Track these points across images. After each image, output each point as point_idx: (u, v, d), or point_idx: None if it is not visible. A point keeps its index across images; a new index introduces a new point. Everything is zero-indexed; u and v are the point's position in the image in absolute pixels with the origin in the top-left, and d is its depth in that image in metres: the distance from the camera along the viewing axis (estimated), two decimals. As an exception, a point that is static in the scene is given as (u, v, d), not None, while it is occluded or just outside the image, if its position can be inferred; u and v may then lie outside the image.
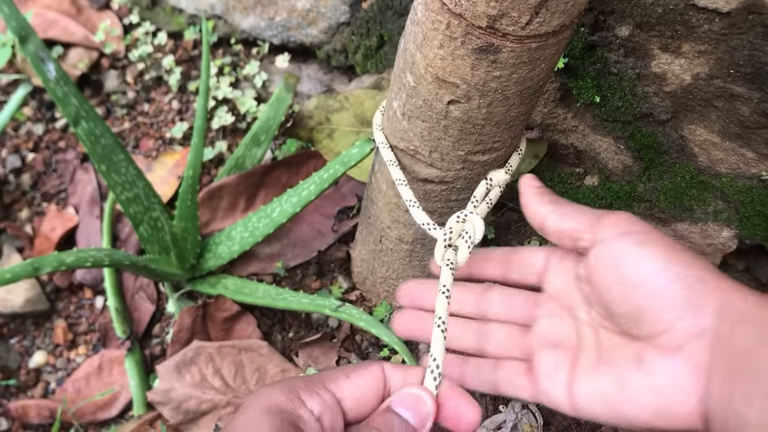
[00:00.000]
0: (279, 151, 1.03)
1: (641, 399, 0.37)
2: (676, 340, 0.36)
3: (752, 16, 0.55)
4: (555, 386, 0.43)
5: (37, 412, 0.90)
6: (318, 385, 0.37)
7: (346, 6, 0.93)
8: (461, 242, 0.49)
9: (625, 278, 0.39)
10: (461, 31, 0.46)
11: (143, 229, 0.85)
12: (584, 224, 0.42)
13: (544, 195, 0.46)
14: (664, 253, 0.38)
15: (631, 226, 0.40)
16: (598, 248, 0.41)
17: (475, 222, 0.50)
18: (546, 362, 0.45)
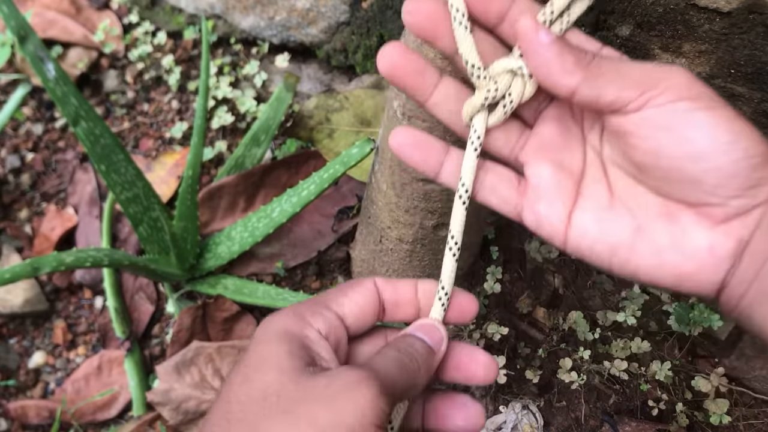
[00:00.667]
0: (279, 151, 1.03)
1: (665, 258, 0.35)
2: (725, 214, 0.34)
3: (753, 16, 0.55)
4: (551, 211, 0.39)
5: (36, 412, 0.90)
6: (321, 306, 0.38)
7: (346, 5, 0.93)
8: (500, 106, 0.40)
9: (684, 146, 0.34)
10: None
11: (143, 229, 0.85)
12: (631, 93, 0.34)
13: (565, 54, 0.35)
14: (733, 125, 0.33)
15: (694, 87, 0.34)
16: (648, 111, 0.34)
17: (528, 86, 0.39)
18: (544, 179, 0.39)
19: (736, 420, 0.75)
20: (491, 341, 0.80)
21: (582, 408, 0.77)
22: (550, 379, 0.79)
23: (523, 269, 0.87)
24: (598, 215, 0.38)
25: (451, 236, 0.42)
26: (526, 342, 0.81)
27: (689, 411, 0.75)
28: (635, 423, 0.74)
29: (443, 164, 0.42)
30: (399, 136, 0.41)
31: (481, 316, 0.83)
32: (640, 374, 0.77)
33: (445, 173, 0.42)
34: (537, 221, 0.40)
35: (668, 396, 0.76)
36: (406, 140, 0.41)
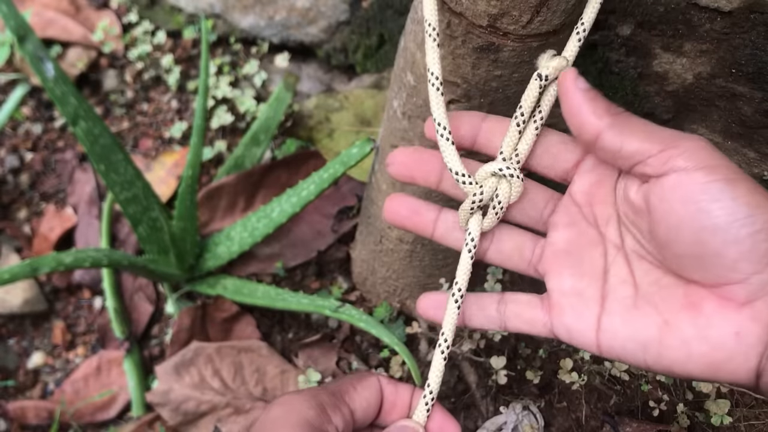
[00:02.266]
0: (278, 150, 1.03)
1: (694, 349, 0.34)
2: (747, 294, 0.33)
3: (754, 16, 0.55)
4: (580, 322, 0.39)
5: (35, 413, 0.90)
6: (339, 400, 0.39)
7: (346, 5, 0.93)
8: (490, 209, 0.42)
9: (703, 219, 0.33)
10: (462, 30, 0.46)
11: (142, 229, 0.85)
12: (653, 147, 0.35)
13: (598, 101, 0.37)
14: (751, 197, 0.33)
15: (713, 158, 0.34)
16: (671, 178, 0.34)
17: (514, 186, 0.42)
18: (567, 291, 0.40)
19: (737, 421, 0.74)
20: (491, 342, 0.80)
21: (583, 409, 0.77)
22: (551, 380, 0.79)
23: (523, 269, 0.87)
24: (625, 316, 0.38)
25: (442, 333, 0.43)
26: (527, 342, 0.81)
27: (690, 412, 0.75)
28: (636, 424, 0.74)
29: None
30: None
31: (481, 316, 0.83)
32: (640, 375, 0.77)
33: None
34: (568, 333, 0.40)
35: (669, 397, 0.76)
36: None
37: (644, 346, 0.36)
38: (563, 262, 0.41)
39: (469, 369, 0.80)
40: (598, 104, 0.37)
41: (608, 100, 0.38)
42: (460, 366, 0.80)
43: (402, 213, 0.45)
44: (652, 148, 0.35)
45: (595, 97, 0.38)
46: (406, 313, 0.85)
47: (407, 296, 0.83)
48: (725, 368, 0.34)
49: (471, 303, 0.45)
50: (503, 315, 0.43)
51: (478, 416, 0.78)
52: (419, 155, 0.45)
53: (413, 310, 0.84)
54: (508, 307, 0.44)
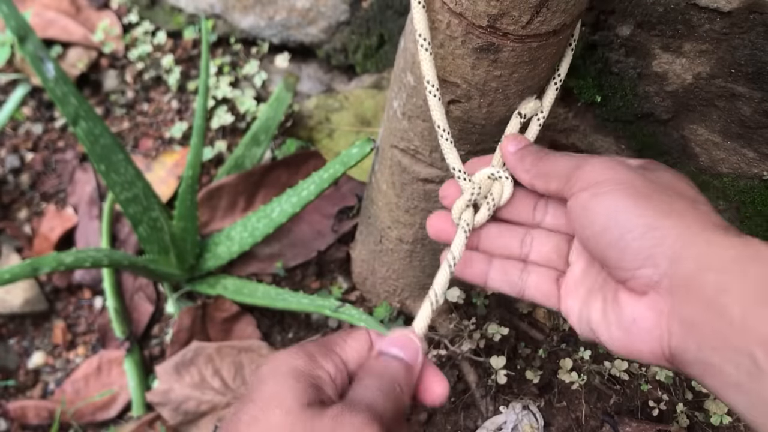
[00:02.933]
0: (279, 150, 1.03)
1: (614, 334, 0.41)
2: (641, 286, 0.38)
3: (753, 16, 0.55)
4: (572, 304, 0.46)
5: (35, 412, 0.90)
6: (329, 349, 0.40)
7: (346, 5, 0.93)
8: (484, 204, 0.48)
9: (587, 230, 0.41)
10: (462, 30, 0.46)
11: (142, 230, 0.85)
12: (563, 182, 0.43)
13: (525, 158, 0.47)
14: (620, 204, 0.39)
15: (598, 176, 0.41)
16: (570, 201, 0.42)
17: (506, 187, 0.48)
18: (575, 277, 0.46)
19: (737, 420, 0.75)
20: (491, 341, 0.80)
21: (582, 408, 0.77)
22: (551, 380, 0.79)
23: (523, 269, 0.87)
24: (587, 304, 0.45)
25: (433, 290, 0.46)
26: (527, 342, 0.81)
27: (690, 411, 0.75)
28: (636, 423, 0.74)
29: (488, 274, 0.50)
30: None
31: (481, 316, 0.83)
32: (640, 374, 0.77)
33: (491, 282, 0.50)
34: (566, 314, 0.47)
35: (669, 396, 0.76)
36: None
37: (592, 331, 0.43)
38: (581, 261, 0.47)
39: (469, 369, 0.80)
40: (525, 161, 0.47)
41: (535, 150, 0.47)
42: (460, 366, 0.80)
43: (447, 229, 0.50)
44: (561, 184, 0.43)
45: (523, 155, 0.47)
46: (406, 313, 0.85)
47: (407, 296, 0.83)
48: (635, 352, 0.39)
49: (496, 266, 0.50)
50: (524, 282, 0.49)
51: (478, 416, 0.78)
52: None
53: (413, 310, 0.84)
54: (531, 276, 0.49)
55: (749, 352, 0.32)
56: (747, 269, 0.34)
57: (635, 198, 0.39)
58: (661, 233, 0.37)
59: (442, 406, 0.79)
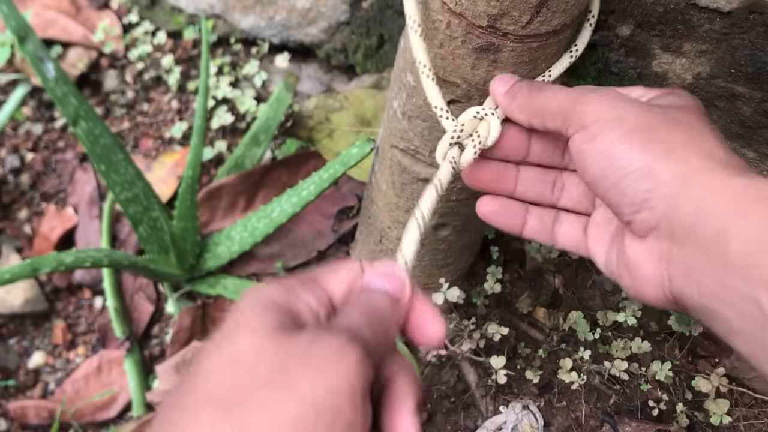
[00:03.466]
0: (279, 151, 1.03)
1: (623, 276, 0.40)
2: (641, 230, 0.37)
3: (753, 16, 0.55)
4: (598, 249, 0.44)
5: (35, 412, 0.90)
6: (312, 282, 0.35)
7: (346, 5, 0.93)
8: (469, 143, 0.46)
9: (586, 174, 0.39)
10: (461, 30, 0.46)
11: (142, 229, 0.85)
12: (560, 121, 0.41)
13: (517, 96, 0.44)
14: (612, 147, 0.37)
15: (592, 116, 0.39)
16: (569, 143, 0.41)
17: (492, 125, 0.45)
18: (600, 222, 0.45)
19: (737, 420, 0.75)
20: (491, 341, 0.80)
21: (582, 408, 0.77)
22: (551, 380, 0.79)
23: (523, 269, 0.87)
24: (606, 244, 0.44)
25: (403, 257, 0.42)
26: (527, 342, 0.81)
27: (690, 411, 0.75)
28: (635, 423, 0.74)
29: (526, 222, 0.48)
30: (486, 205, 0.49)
31: (481, 316, 0.83)
32: (640, 374, 0.77)
33: (528, 230, 0.49)
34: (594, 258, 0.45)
35: (669, 396, 0.76)
36: (493, 207, 0.48)
37: (614, 274, 0.42)
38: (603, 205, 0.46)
39: (468, 368, 0.80)
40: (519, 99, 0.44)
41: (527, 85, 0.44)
42: (460, 366, 0.80)
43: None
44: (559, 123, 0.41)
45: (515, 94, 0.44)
46: (406, 313, 0.85)
47: (407, 296, 0.83)
48: (642, 293, 0.39)
49: (533, 215, 0.48)
50: (556, 231, 0.48)
51: (478, 416, 0.78)
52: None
53: (413, 310, 0.84)
54: (562, 225, 0.48)
55: (754, 298, 0.30)
56: (749, 210, 0.32)
57: (630, 138, 0.37)
58: (658, 175, 0.35)
59: (442, 406, 0.79)
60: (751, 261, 0.31)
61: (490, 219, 0.48)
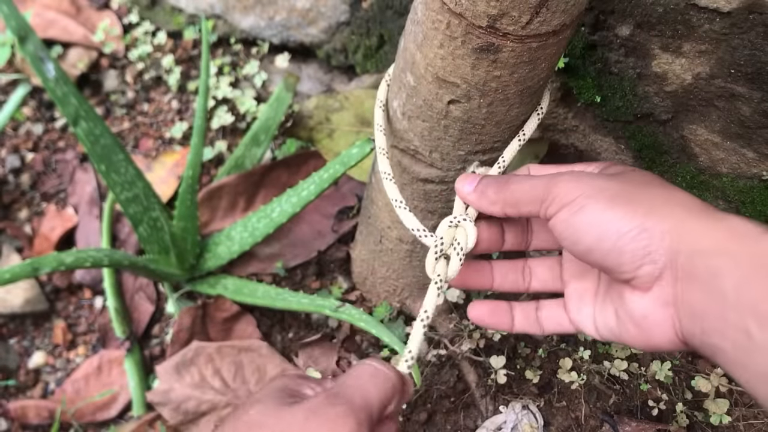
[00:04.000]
0: (279, 151, 1.03)
1: (630, 331, 0.42)
2: (644, 283, 0.39)
3: (753, 16, 0.55)
4: (583, 318, 0.47)
5: (36, 412, 0.90)
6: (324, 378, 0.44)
7: (346, 5, 0.93)
8: (452, 253, 0.49)
9: (579, 245, 0.42)
10: (461, 30, 0.46)
11: (143, 229, 0.85)
12: (536, 206, 0.44)
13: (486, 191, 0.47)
14: (602, 214, 0.40)
15: (571, 192, 0.42)
16: (551, 222, 0.43)
17: (468, 229, 0.49)
18: (573, 295, 0.48)
19: (736, 420, 0.75)
20: (491, 341, 0.80)
21: (582, 408, 0.77)
22: (550, 379, 0.79)
23: (523, 269, 0.87)
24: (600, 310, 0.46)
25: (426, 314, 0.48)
26: (526, 342, 0.81)
27: (689, 411, 0.75)
28: (635, 423, 0.74)
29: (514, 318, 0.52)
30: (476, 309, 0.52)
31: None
32: (640, 374, 0.77)
33: (517, 325, 0.52)
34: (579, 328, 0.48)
35: (668, 396, 0.76)
36: (483, 310, 0.52)
37: (613, 333, 0.44)
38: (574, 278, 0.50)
39: (468, 368, 0.80)
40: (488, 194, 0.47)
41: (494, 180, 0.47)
42: (459, 365, 0.81)
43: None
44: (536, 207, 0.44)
45: (483, 190, 0.47)
46: (406, 313, 0.86)
47: (407, 296, 0.83)
48: (653, 343, 0.40)
49: (518, 311, 0.52)
50: (541, 319, 0.51)
51: (478, 415, 0.78)
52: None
53: (413, 310, 0.84)
54: (543, 312, 0.51)
55: (744, 327, 0.33)
56: (733, 249, 0.35)
57: (614, 204, 0.40)
58: (652, 230, 0.38)
59: (442, 406, 0.79)
60: (741, 293, 0.34)
61: (482, 321, 0.52)
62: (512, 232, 0.52)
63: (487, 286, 0.53)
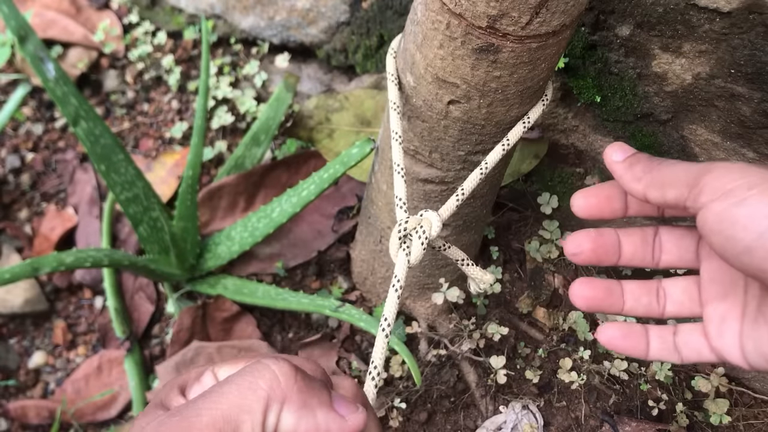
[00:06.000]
0: (279, 151, 1.03)
1: None
2: None
3: (753, 16, 0.55)
4: (726, 344, 0.41)
5: (36, 412, 0.90)
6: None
7: (346, 5, 0.93)
8: (414, 236, 0.50)
9: (735, 243, 0.35)
10: (461, 31, 0.46)
11: (143, 229, 0.85)
12: (684, 191, 0.38)
13: (635, 166, 0.42)
14: (764, 208, 0.34)
15: (732, 181, 0.36)
16: (702, 213, 0.37)
17: (432, 218, 0.50)
18: (714, 317, 0.43)
19: (736, 420, 0.75)
20: (491, 341, 0.80)
21: (582, 408, 0.77)
22: (550, 379, 0.79)
23: (523, 269, 0.87)
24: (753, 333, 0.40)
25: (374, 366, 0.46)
26: (526, 342, 0.81)
27: (689, 411, 0.75)
28: (635, 423, 0.74)
29: (649, 343, 0.46)
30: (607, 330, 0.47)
31: (481, 316, 0.83)
32: (640, 374, 0.77)
33: (653, 352, 0.46)
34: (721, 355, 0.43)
35: (668, 396, 0.76)
36: (614, 333, 0.46)
37: (763, 360, 0.38)
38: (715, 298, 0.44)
39: (468, 368, 0.80)
40: (635, 169, 0.42)
41: (645, 157, 0.43)
42: (459, 365, 0.81)
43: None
44: (682, 193, 0.38)
45: (632, 163, 0.43)
46: (406, 313, 0.86)
47: (407, 296, 0.83)
48: None
49: (654, 335, 0.46)
50: (679, 345, 0.45)
51: (478, 415, 0.78)
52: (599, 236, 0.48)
53: (413, 310, 0.84)
54: (680, 337, 0.45)
55: None
56: None
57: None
58: None
59: (442, 406, 0.79)
60: None
61: (614, 345, 0.47)
62: (632, 244, 0.47)
63: (617, 310, 0.48)
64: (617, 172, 0.44)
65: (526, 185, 0.88)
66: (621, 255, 0.47)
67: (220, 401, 0.32)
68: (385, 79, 0.95)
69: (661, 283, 0.47)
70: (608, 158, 0.44)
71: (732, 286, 0.42)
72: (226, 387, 0.33)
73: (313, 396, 0.34)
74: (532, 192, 0.87)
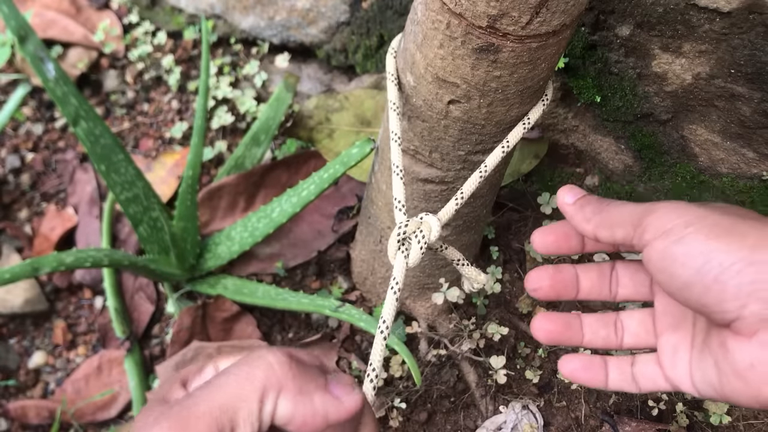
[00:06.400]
0: (279, 151, 1.03)
1: (733, 385, 0.37)
2: (749, 326, 0.35)
3: (753, 16, 0.55)
4: (678, 375, 0.43)
5: (36, 412, 0.90)
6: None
7: (346, 5, 0.93)
8: (414, 240, 0.50)
9: (675, 278, 0.37)
10: (461, 30, 0.46)
11: (143, 229, 0.85)
12: (631, 230, 0.41)
13: (585, 208, 0.45)
14: (703, 245, 0.36)
15: (671, 221, 0.38)
16: (646, 251, 0.39)
17: (431, 222, 0.50)
18: (666, 348, 0.44)
19: (736, 420, 0.75)
20: (491, 341, 0.80)
21: (582, 408, 0.77)
22: (550, 379, 0.79)
23: (523, 269, 0.87)
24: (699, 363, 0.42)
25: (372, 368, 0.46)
26: (526, 342, 0.81)
27: (689, 411, 0.75)
28: (635, 423, 0.74)
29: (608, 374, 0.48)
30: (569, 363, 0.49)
31: (481, 316, 0.83)
32: (640, 374, 0.77)
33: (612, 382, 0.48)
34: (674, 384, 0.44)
35: (668, 396, 0.76)
36: (575, 364, 0.48)
37: (714, 389, 0.39)
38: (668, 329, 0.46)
39: (468, 368, 0.80)
40: (585, 211, 0.44)
41: (595, 199, 0.45)
42: (459, 365, 0.81)
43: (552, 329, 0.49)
44: (630, 232, 0.41)
45: (582, 205, 0.45)
46: (406, 313, 0.86)
47: (407, 296, 0.83)
48: (763, 397, 0.36)
49: (613, 367, 0.48)
50: (636, 375, 0.46)
51: (478, 415, 0.78)
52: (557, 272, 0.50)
53: (413, 310, 0.84)
54: (637, 368, 0.46)
55: None
56: None
57: (718, 234, 0.36)
58: (760, 265, 0.34)
59: (442, 406, 0.79)
60: None
61: (575, 377, 0.48)
62: (590, 279, 0.49)
63: (576, 342, 0.49)
64: (568, 214, 0.46)
65: (526, 185, 0.88)
66: (579, 290, 0.49)
67: (218, 391, 0.33)
68: (385, 79, 0.95)
69: (618, 315, 0.49)
70: (560, 200, 0.47)
71: (682, 318, 0.44)
72: (223, 378, 0.34)
73: (309, 381, 0.35)
74: (532, 192, 0.87)
